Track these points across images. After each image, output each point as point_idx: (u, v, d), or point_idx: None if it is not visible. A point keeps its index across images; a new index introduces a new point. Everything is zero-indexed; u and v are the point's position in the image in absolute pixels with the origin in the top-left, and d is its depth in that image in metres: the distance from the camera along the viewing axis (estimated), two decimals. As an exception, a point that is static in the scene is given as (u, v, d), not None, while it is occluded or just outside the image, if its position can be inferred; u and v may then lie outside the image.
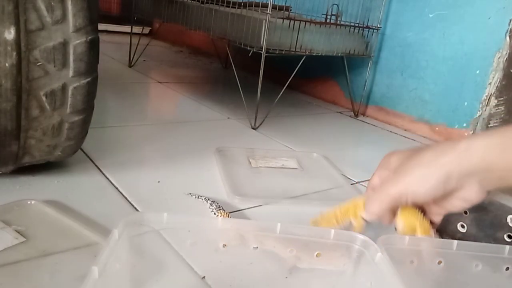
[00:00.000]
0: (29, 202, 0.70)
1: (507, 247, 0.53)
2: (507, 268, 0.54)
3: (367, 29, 1.58)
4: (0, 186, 0.76)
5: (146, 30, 2.77)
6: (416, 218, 0.51)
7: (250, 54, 1.30)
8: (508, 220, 0.69)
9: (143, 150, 1.05)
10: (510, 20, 1.30)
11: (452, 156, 0.45)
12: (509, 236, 0.69)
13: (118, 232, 0.45)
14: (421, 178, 0.47)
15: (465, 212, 0.75)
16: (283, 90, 1.41)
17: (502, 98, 1.36)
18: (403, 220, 0.52)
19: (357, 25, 1.52)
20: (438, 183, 0.46)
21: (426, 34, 1.51)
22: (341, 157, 1.17)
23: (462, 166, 0.45)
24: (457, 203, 0.49)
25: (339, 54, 1.51)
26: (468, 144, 0.45)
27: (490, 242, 0.70)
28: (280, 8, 1.53)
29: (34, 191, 0.76)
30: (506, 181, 0.45)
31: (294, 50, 1.37)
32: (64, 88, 0.70)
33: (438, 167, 0.46)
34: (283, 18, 1.34)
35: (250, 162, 1.03)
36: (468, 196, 0.47)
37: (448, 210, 0.52)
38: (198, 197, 0.82)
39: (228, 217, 0.75)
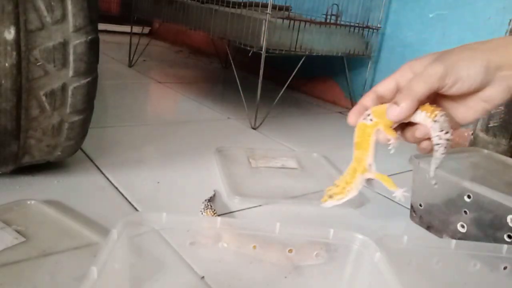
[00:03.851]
0: (29, 202, 0.71)
1: (505, 246, 0.53)
2: (505, 267, 0.54)
3: (367, 29, 1.58)
4: (0, 186, 0.76)
5: (146, 30, 2.77)
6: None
7: (250, 54, 1.30)
8: (508, 220, 0.69)
9: (143, 150, 1.06)
10: (510, 20, 1.30)
11: (492, 46, 0.45)
12: (509, 236, 0.69)
13: (118, 232, 0.45)
14: (467, 59, 0.44)
15: (465, 212, 0.75)
16: (283, 90, 1.41)
17: (502, 98, 1.36)
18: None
19: (357, 25, 1.52)
20: (481, 67, 0.44)
21: (426, 34, 1.51)
22: (341, 157, 1.17)
23: (499, 57, 0.44)
24: (480, 105, 0.46)
25: (339, 54, 1.51)
26: (505, 40, 0.46)
27: (490, 242, 0.70)
28: (280, 8, 1.54)
29: (34, 191, 0.77)
30: None
31: (294, 50, 1.37)
32: (64, 88, 0.70)
33: (483, 51, 0.45)
34: (283, 18, 1.34)
35: (250, 162, 1.03)
36: (492, 95, 0.45)
37: (470, 113, 0.48)
38: (204, 201, 0.80)
39: (215, 216, 0.75)
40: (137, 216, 0.49)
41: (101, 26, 2.57)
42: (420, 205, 0.84)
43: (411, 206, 0.87)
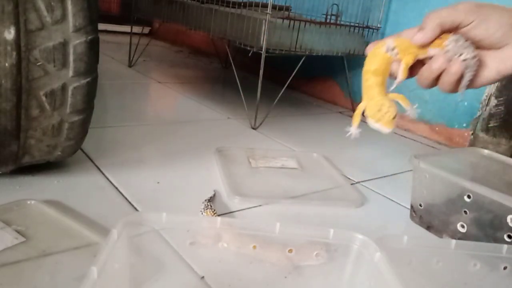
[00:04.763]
0: (29, 202, 0.71)
1: (505, 246, 0.53)
2: (505, 267, 0.54)
3: (367, 29, 1.58)
4: (0, 186, 0.76)
5: (146, 30, 2.77)
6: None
7: (250, 54, 1.30)
8: (508, 220, 0.69)
9: (143, 150, 1.06)
10: (510, 20, 1.30)
11: None
12: (509, 236, 0.69)
13: (117, 232, 0.45)
14: (498, 11, 0.47)
15: (465, 212, 0.75)
16: (283, 90, 1.41)
17: (502, 98, 1.36)
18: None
19: (357, 25, 1.53)
20: (508, 22, 0.46)
21: (426, 34, 1.51)
22: (341, 157, 1.17)
23: None
24: (495, 65, 0.48)
25: (339, 54, 1.51)
26: None
27: (490, 242, 0.70)
28: (280, 8, 1.54)
29: (34, 191, 0.77)
30: None
31: (294, 50, 1.37)
32: (64, 88, 0.70)
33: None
34: (283, 18, 1.34)
35: (250, 162, 1.03)
36: (508, 55, 0.47)
37: (485, 73, 0.49)
38: (204, 201, 0.80)
39: (215, 216, 0.75)
40: (137, 216, 0.49)
41: (101, 26, 2.57)
42: (420, 205, 0.84)
43: (411, 206, 0.87)
